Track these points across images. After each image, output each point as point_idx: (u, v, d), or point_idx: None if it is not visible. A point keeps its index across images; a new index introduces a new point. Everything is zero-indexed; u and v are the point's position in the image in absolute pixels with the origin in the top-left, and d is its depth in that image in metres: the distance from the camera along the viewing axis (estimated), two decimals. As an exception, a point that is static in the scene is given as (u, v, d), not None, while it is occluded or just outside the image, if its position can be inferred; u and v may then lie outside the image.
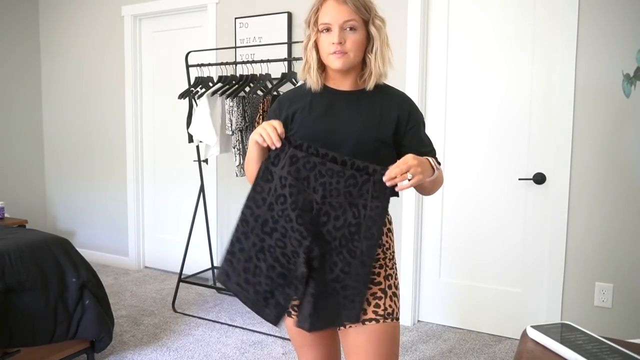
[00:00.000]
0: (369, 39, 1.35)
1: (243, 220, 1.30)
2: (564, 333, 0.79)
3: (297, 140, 1.27)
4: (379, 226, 1.25)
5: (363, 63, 1.38)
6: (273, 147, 1.26)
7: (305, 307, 1.26)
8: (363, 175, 1.24)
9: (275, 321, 1.29)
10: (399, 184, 1.19)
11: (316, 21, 1.34)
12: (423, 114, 2.94)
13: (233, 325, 3.02)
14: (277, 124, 1.26)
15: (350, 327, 1.34)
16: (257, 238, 1.28)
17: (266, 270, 1.27)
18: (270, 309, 1.28)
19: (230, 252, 1.32)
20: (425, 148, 1.42)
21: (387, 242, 1.42)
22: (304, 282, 1.24)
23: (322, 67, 1.39)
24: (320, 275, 1.26)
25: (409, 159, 1.20)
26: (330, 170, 1.25)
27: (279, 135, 1.24)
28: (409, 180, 1.18)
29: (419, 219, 3.03)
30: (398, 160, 1.21)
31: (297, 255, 1.25)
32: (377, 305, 1.34)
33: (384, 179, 1.20)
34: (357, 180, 1.25)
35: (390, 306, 1.36)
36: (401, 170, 1.18)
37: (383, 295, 1.36)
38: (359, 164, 1.24)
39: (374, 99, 1.39)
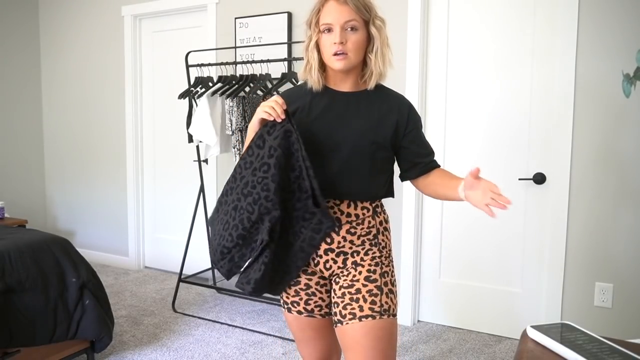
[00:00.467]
0: (369, 39, 1.36)
1: (233, 176, 1.37)
2: (564, 333, 0.79)
3: (292, 121, 1.32)
4: (328, 225, 1.33)
5: (363, 63, 1.39)
6: (279, 120, 1.30)
7: (254, 271, 1.33)
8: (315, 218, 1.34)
9: (227, 275, 1.38)
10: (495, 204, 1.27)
11: (317, 22, 1.35)
12: (423, 114, 2.97)
13: (233, 325, 3.02)
14: (279, 100, 1.31)
15: (348, 323, 1.35)
16: (236, 196, 1.34)
17: (231, 228, 1.34)
18: (224, 262, 1.37)
19: (219, 202, 1.41)
20: (425, 150, 1.46)
21: (383, 240, 1.44)
22: (260, 248, 1.31)
23: (323, 67, 1.40)
24: (279, 247, 1.33)
25: (490, 184, 1.27)
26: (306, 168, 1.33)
27: (282, 109, 1.30)
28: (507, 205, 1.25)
29: (419, 219, 3.03)
30: (488, 187, 1.27)
31: (261, 222, 1.30)
32: (373, 302, 1.36)
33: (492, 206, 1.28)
34: (313, 218, 1.34)
35: (386, 302, 1.37)
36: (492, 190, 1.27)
37: (379, 292, 1.37)
38: (319, 200, 1.30)
39: (373, 101, 1.40)
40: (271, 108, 1.29)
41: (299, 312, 1.47)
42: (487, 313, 2.90)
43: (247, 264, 1.36)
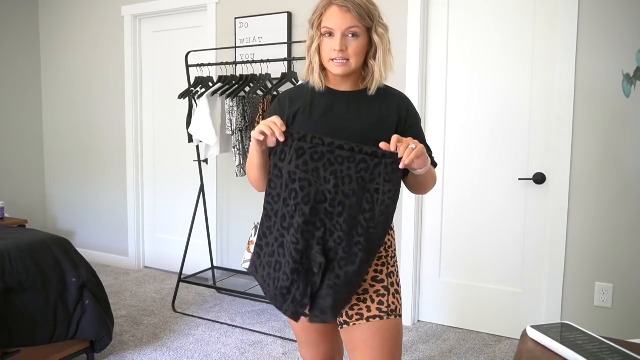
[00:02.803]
0: (370, 44, 1.36)
1: (266, 215, 1.31)
2: (564, 333, 0.79)
3: (299, 132, 1.26)
4: (391, 211, 1.24)
5: (364, 65, 1.39)
6: (277, 140, 1.25)
7: (325, 299, 1.25)
8: (374, 159, 1.23)
9: (294, 316, 1.29)
10: (405, 158, 1.19)
11: (319, 25, 1.35)
12: (423, 114, 2.97)
13: (233, 325, 3.02)
14: (276, 119, 1.26)
15: (354, 324, 1.35)
16: (278, 233, 1.28)
17: (284, 266, 1.27)
18: (288, 304, 1.28)
19: (259, 246, 1.33)
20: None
21: (388, 240, 1.44)
22: (321, 273, 1.24)
23: (324, 69, 1.40)
24: (342, 268, 1.25)
25: (403, 137, 1.23)
26: (339, 157, 1.24)
27: (280, 130, 1.24)
28: (414, 149, 1.19)
29: (419, 219, 3.03)
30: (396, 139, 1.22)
31: (310, 249, 1.24)
32: (380, 303, 1.36)
33: (384, 147, 1.21)
34: (368, 164, 1.23)
35: (393, 303, 1.37)
36: (399, 139, 1.20)
37: (386, 293, 1.37)
38: (367, 149, 1.23)
39: (374, 100, 1.40)
40: (268, 129, 1.25)
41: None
42: (487, 313, 2.90)
43: (310, 295, 1.28)
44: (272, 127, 1.24)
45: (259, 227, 1.35)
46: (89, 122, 4.31)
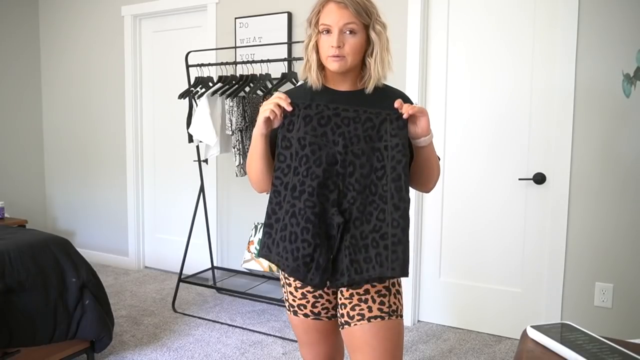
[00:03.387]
0: (368, 42, 1.36)
1: (275, 191, 1.32)
2: (564, 333, 0.79)
3: (304, 102, 1.29)
4: (403, 165, 1.24)
5: (362, 64, 1.39)
6: (283, 116, 1.29)
7: (341, 261, 1.25)
8: (379, 116, 1.27)
9: (320, 284, 1.27)
10: (408, 109, 1.23)
11: (317, 22, 1.35)
12: (423, 114, 2.96)
13: (233, 325, 3.02)
14: (278, 94, 1.30)
15: (356, 324, 1.35)
16: (288, 205, 1.29)
17: (301, 233, 1.26)
18: (312, 272, 1.26)
19: (268, 225, 1.32)
20: None
21: None
22: (339, 233, 1.24)
23: (322, 66, 1.40)
24: (357, 228, 1.25)
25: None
26: (345, 119, 1.27)
27: (286, 101, 1.28)
28: (416, 105, 1.25)
29: (419, 219, 3.03)
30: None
31: (327, 212, 1.26)
32: (382, 303, 1.36)
33: (397, 105, 1.24)
34: (374, 122, 1.27)
35: (394, 303, 1.38)
36: (406, 104, 1.26)
37: (387, 293, 1.38)
38: (371, 110, 1.27)
39: (373, 99, 1.40)
40: (275, 105, 1.28)
41: (305, 315, 1.47)
42: (487, 313, 2.90)
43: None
44: (277, 102, 1.28)
45: (267, 205, 1.34)
46: (89, 122, 4.31)
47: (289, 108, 1.28)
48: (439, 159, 1.46)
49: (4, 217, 4.01)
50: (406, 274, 1.23)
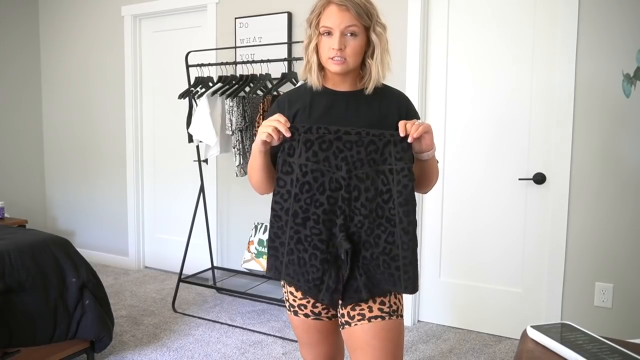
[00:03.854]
0: (369, 43, 1.36)
1: (275, 215, 1.31)
2: (564, 333, 0.79)
3: (304, 125, 1.28)
4: (410, 189, 1.25)
5: (362, 64, 1.39)
6: (282, 137, 1.27)
7: (357, 279, 1.28)
8: (382, 139, 1.26)
9: (332, 304, 1.31)
10: (414, 131, 1.22)
11: (318, 24, 1.35)
12: (423, 114, 2.97)
13: (233, 325, 3.02)
14: (279, 117, 1.28)
15: (357, 324, 1.35)
16: (292, 231, 1.29)
17: (310, 259, 1.28)
18: (323, 294, 1.30)
19: (273, 248, 1.33)
20: None
21: None
22: (348, 258, 1.26)
23: (322, 68, 1.40)
24: (367, 250, 1.27)
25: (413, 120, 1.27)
26: (348, 143, 1.26)
27: (285, 126, 1.26)
28: (421, 124, 1.24)
29: (419, 219, 3.03)
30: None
31: (335, 237, 1.27)
32: (382, 303, 1.36)
33: (400, 131, 1.24)
34: (377, 145, 1.26)
35: (395, 303, 1.38)
36: (411, 122, 1.24)
37: (388, 293, 1.37)
38: (374, 131, 1.26)
39: (373, 99, 1.40)
40: (274, 130, 1.25)
41: (306, 315, 1.47)
42: (487, 313, 2.90)
43: (344, 281, 1.29)
44: (276, 126, 1.26)
45: (268, 229, 1.35)
46: (89, 122, 4.31)
47: (287, 134, 1.25)
48: (437, 162, 1.47)
49: (4, 217, 4.01)
50: (417, 290, 1.29)
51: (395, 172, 1.25)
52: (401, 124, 1.24)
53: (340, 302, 1.35)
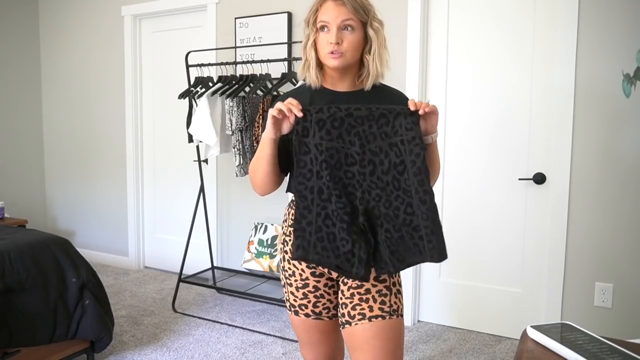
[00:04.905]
0: (366, 40, 1.37)
1: (300, 196, 1.32)
2: (564, 333, 0.79)
3: (315, 107, 1.30)
4: (422, 158, 1.27)
5: (360, 63, 1.39)
6: (295, 122, 1.28)
7: (383, 251, 1.28)
8: (392, 112, 1.28)
9: (366, 277, 1.29)
10: (424, 106, 1.25)
11: (315, 21, 1.36)
12: (423, 114, 2.96)
13: (233, 325, 3.02)
14: (291, 100, 1.29)
15: (357, 324, 1.35)
16: (319, 207, 1.30)
17: (339, 233, 1.28)
18: (356, 267, 1.28)
19: (300, 229, 1.32)
20: None
21: None
22: (368, 230, 1.27)
23: (320, 65, 1.40)
24: (389, 222, 1.28)
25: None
26: (359, 118, 1.29)
27: (298, 107, 1.27)
28: (428, 102, 1.27)
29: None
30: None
31: (357, 210, 1.28)
32: (383, 302, 1.36)
33: (410, 106, 1.26)
34: (388, 118, 1.29)
35: (395, 303, 1.38)
36: (420, 101, 1.28)
37: (388, 293, 1.38)
38: (383, 107, 1.29)
39: (372, 99, 1.40)
40: (287, 108, 1.26)
41: (307, 315, 1.47)
42: (487, 313, 2.90)
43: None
44: (289, 107, 1.26)
45: (294, 211, 1.35)
46: (89, 122, 4.31)
47: (300, 114, 1.26)
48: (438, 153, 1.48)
49: (4, 217, 4.01)
50: (444, 258, 1.27)
51: (406, 142, 1.27)
52: (411, 100, 1.27)
53: (372, 275, 1.32)
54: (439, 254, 1.26)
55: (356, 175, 1.28)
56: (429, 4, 2.93)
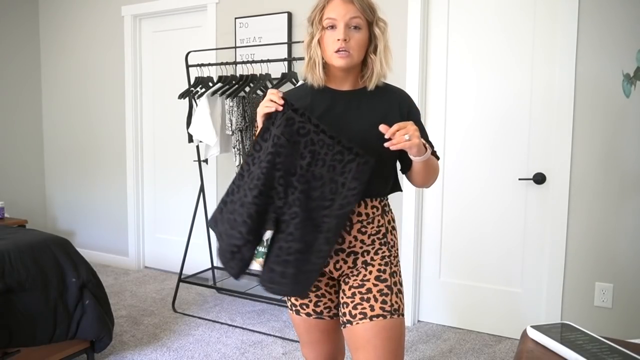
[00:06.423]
0: (371, 39, 1.37)
1: (240, 174, 1.33)
2: (564, 333, 0.79)
3: (294, 105, 1.30)
4: (348, 210, 1.27)
5: (363, 63, 1.39)
6: (280, 109, 1.29)
7: (270, 265, 1.27)
8: (349, 154, 1.28)
9: (236, 275, 1.31)
10: (394, 142, 1.22)
11: (321, 19, 1.35)
12: (423, 114, 2.97)
13: (233, 325, 3.02)
14: (275, 91, 1.30)
15: (358, 323, 1.35)
16: (242, 193, 1.31)
17: (240, 225, 1.28)
18: (234, 262, 1.30)
19: (224, 201, 1.36)
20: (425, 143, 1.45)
21: (392, 239, 1.44)
22: (266, 240, 1.27)
23: (324, 65, 1.39)
24: (287, 242, 1.27)
25: (409, 124, 1.24)
26: (321, 142, 1.28)
27: (278, 96, 1.29)
28: (407, 140, 1.21)
29: (419, 219, 3.03)
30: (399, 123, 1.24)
31: (266, 214, 1.28)
32: (384, 302, 1.36)
33: (383, 130, 1.23)
34: (343, 157, 1.28)
35: (396, 302, 1.38)
36: (400, 128, 1.22)
37: (389, 292, 1.38)
38: (346, 142, 1.28)
39: (374, 98, 1.40)
40: (270, 101, 1.29)
41: (308, 314, 1.47)
42: (487, 313, 2.90)
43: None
44: (273, 99, 1.28)
45: (230, 184, 1.37)
46: (89, 122, 4.31)
47: (280, 102, 1.28)
48: (439, 159, 1.47)
49: (4, 217, 4.01)
50: (306, 297, 1.35)
51: (346, 188, 1.27)
52: (394, 127, 1.22)
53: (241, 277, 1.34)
54: (301, 291, 1.30)
55: (288, 186, 1.27)
56: (429, 4, 2.93)
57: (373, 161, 1.27)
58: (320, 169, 1.28)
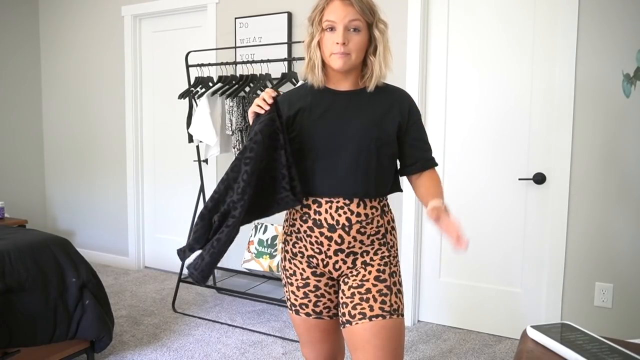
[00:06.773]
0: (370, 41, 1.36)
1: (232, 169, 1.36)
2: (564, 333, 0.79)
3: (280, 111, 1.34)
4: (235, 227, 1.30)
5: (363, 63, 1.39)
6: (267, 108, 1.33)
7: (202, 253, 1.31)
8: (284, 183, 1.34)
9: (180, 256, 1.36)
10: (464, 243, 1.21)
11: (321, 20, 1.35)
12: (423, 114, 2.97)
13: (233, 325, 3.02)
14: (269, 91, 1.33)
15: (357, 323, 1.35)
16: (227, 181, 1.34)
17: (205, 209, 1.33)
18: (184, 247, 1.35)
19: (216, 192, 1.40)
20: (425, 145, 1.47)
21: (391, 239, 1.44)
22: (214, 231, 1.30)
23: (323, 65, 1.40)
24: (221, 233, 1.29)
25: (450, 220, 1.24)
26: (277, 156, 1.33)
27: (270, 95, 1.32)
28: (464, 236, 1.22)
29: (419, 219, 3.03)
30: (449, 225, 1.23)
31: (221, 204, 1.31)
32: (383, 302, 1.36)
33: (456, 244, 1.21)
34: (275, 184, 1.35)
35: (395, 302, 1.38)
36: (458, 231, 1.22)
37: (389, 292, 1.38)
38: (293, 173, 1.34)
39: (374, 98, 1.40)
40: (262, 100, 1.32)
41: (308, 314, 1.47)
42: (487, 313, 2.90)
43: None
44: (264, 99, 1.33)
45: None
46: (89, 122, 4.31)
47: (270, 101, 1.31)
48: (437, 165, 1.49)
49: (4, 217, 4.01)
50: (200, 282, 1.36)
51: (279, 180, 1.33)
52: (455, 233, 1.21)
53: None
54: (201, 277, 1.32)
55: (248, 183, 1.28)
56: (429, 3, 2.93)
57: (298, 204, 1.34)
58: (270, 172, 1.32)
